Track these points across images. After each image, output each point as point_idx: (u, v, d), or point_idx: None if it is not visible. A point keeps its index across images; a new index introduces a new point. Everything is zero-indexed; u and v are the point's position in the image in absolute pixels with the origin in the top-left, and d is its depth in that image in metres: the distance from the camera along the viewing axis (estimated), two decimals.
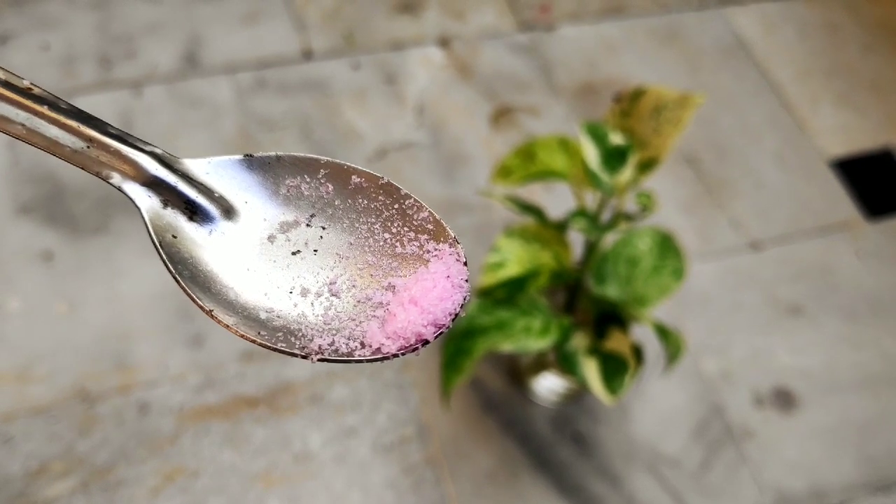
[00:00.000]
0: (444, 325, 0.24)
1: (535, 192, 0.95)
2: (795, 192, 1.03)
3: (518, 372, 0.84)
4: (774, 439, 0.84)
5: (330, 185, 0.25)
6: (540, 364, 0.81)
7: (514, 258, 0.67)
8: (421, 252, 0.25)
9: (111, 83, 1.01)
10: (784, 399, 0.87)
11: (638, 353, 0.67)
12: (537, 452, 0.80)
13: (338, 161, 0.25)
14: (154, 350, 0.82)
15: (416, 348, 0.23)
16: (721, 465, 0.82)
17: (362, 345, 0.23)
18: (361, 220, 0.25)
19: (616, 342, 0.67)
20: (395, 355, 0.23)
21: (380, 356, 0.23)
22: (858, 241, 0.99)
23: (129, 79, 1.02)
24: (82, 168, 0.22)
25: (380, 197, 0.25)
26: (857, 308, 0.94)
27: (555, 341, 0.67)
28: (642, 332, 0.78)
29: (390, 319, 0.23)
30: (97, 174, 0.22)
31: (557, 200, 0.93)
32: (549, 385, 0.81)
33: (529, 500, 0.78)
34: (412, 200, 0.25)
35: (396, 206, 0.25)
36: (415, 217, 0.25)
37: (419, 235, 0.25)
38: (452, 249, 0.25)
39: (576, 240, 0.72)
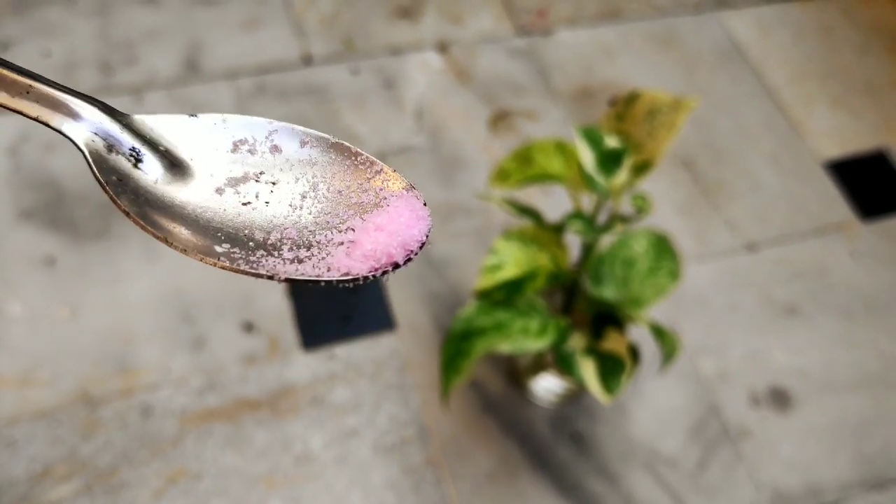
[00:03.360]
0: (412, 249, 0.23)
1: (533, 195, 0.96)
2: (790, 194, 1.04)
3: (517, 373, 0.85)
4: (771, 438, 0.85)
5: (278, 144, 0.25)
6: (538, 365, 0.82)
7: (511, 260, 0.68)
8: (377, 199, 0.24)
9: (112, 89, 1.02)
10: (780, 398, 0.87)
11: (634, 353, 0.68)
12: (536, 452, 0.81)
13: (285, 123, 0.25)
14: (156, 353, 0.83)
15: (386, 271, 0.23)
16: (718, 464, 0.82)
17: (329, 269, 0.23)
18: (313, 174, 0.25)
19: (613, 342, 0.68)
20: (367, 277, 0.23)
21: (350, 277, 0.23)
22: (853, 241, 1.00)
23: (130, 85, 1.03)
24: (24, 114, 0.22)
25: (330, 154, 0.25)
26: (852, 308, 0.95)
27: (552, 342, 0.67)
28: (639, 333, 0.79)
29: (356, 247, 0.23)
30: (37, 118, 0.22)
31: (555, 203, 0.94)
32: (547, 385, 0.82)
33: (529, 499, 0.79)
34: (364, 157, 0.25)
35: (348, 161, 0.25)
36: (368, 170, 0.25)
37: (374, 185, 0.25)
38: (410, 193, 0.25)
39: (573, 242, 0.73)
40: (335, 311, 0.87)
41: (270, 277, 0.22)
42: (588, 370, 0.66)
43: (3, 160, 0.94)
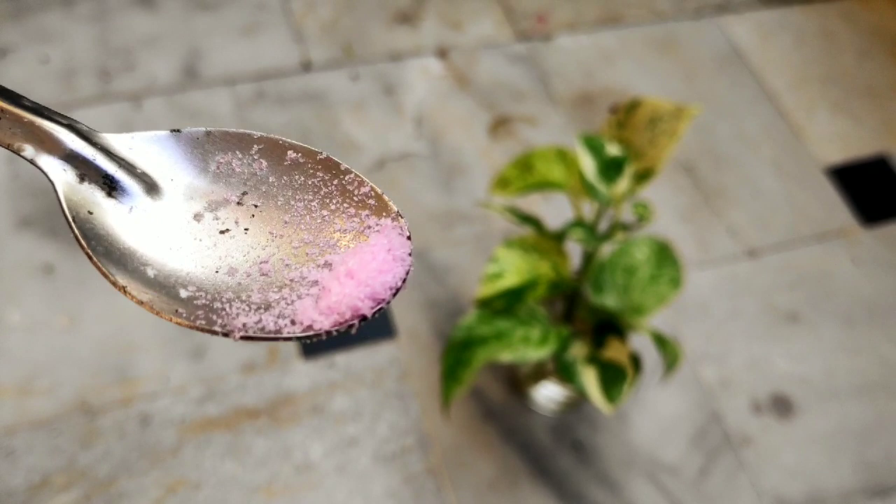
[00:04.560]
0: (383, 299, 0.22)
1: (534, 203, 0.95)
2: (792, 200, 1.03)
3: (517, 381, 0.84)
4: (773, 446, 0.84)
5: (264, 161, 0.24)
6: (539, 373, 0.81)
7: (512, 268, 0.68)
8: (361, 228, 0.23)
9: (111, 96, 1.02)
10: (782, 406, 0.87)
11: (636, 361, 0.68)
12: (537, 461, 0.81)
13: (273, 136, 0.24)
14: (155, 362, 0.82)
15: (353, 325, 0.22)
16: (720, 472, 0.82)
17: (293, 322, 0.22)
18: (297, 196, 0.24)
19: (614, 351, 0.68)
20: (329, 332, 0.22)
21: (311, 333, 0.22)
22: (854, 247, 1.00)
23: (128, 91, 1.02)
24: None
25: (318, 173, 0.24)
26: (854, 314, 0.94)
27: (553, 351, 0.67)
28: (640, 341, 0.79)
29: (325, 295, 0.22)
30: (8, 147, 0.21)
31: (555, 211, 0.94)
32: (548, 394, 0.82)
33: None
34: (352, 175, 0.24)
35: (336, 181, 0.24)
36: (355, 192, 0.24)
37: (360, 211, 0.24)
38: (395, 223, 0.23)
39: (573, 250, 0.73)
40: None
41: (226, 335, 0.21)
42: (589, 379, 0.66)
43: (1, 167, 0.94)
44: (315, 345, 0.85)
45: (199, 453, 0.78)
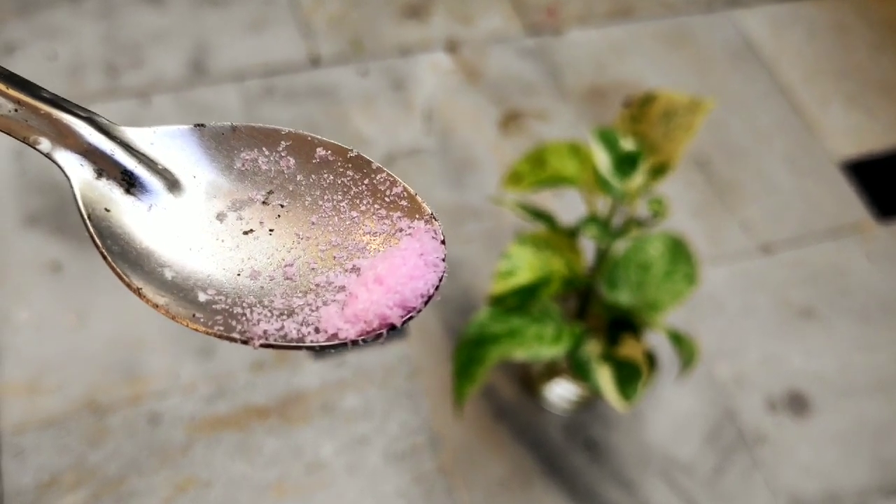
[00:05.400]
0: (413, 307, 0.21)
1: (546, 198, 0.94)
2: (806, 195, 1.02)
3: (529, 379, 0.84)
4: (788, 444, 0.83)
5: (291, 159, 0.23)
6: (551, 371, 0.80)
7: (525, 265, 0.67)
8: (392, 230, 0.22)
9: (118, 92, 1.01)
10: (797, 403, 0.86)
11: (651, 359, 0.67)
12: (550, 459, 0.80)
13: (301, 132, 0.23)
14: (164, 360, 0.82)
15: (381, 334, 0.21)
16: (734, 471, 0.81)
17: (317, 330, 0.21)
18: (326, 196, 0.23)
19: (629, 348, 0.67)
20: (356, 342, 0.20)
21: (336, 342, 0.20)
22: (869, 242, 0.99)
23: (136, 87, 1.02)
24: (9, 133, 0.20)
25: (348, 172, 0.23)
26: (869, 310, 0.93)
27: (567, 348, 0.66)
28: (653, 338, 0.78)
29: (351, 301, 0.21)
30: (24, 140, 0.20)
31: (567, 206, 0.93)
32: (560, 392, 0.81)
33: None
34: (384, 175, 0.23)
35: (367, 181, 0.23)
36: (387, 193, 0.23)
37: (391, 213, 0.22)
38: (428, 226, 0.22)
39: (587, 246, 0.72)
40: None
41: (245, 342, 0.20)
42: (604, 377, 0.65)
43: (8, 165, 0.93)
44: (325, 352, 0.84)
45: (209, 452, 0.77)
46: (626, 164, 0.64)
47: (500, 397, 0.83)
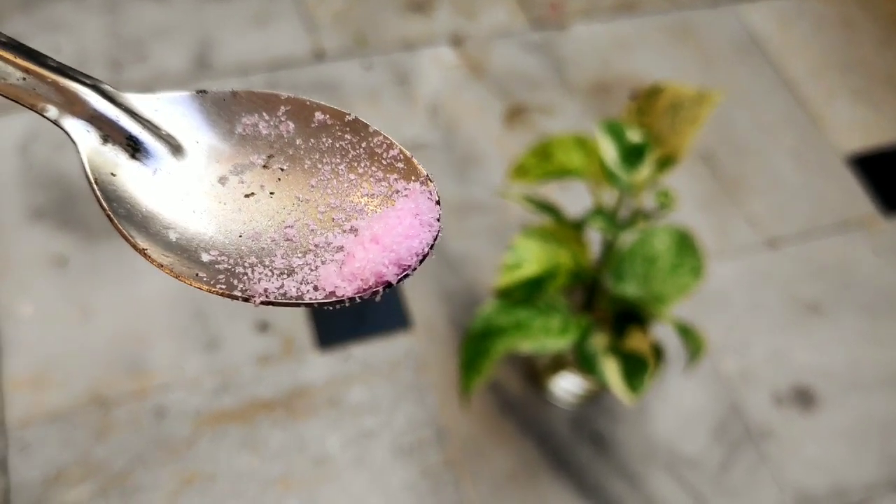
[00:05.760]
0: (408, 265, 0.22)
1: (550, 191, 0.94)
2: (812, 189, 1.02)
3: (535, 373, 0.83)
4: (795, 439, 0.83)
5: (291, 124, 0.23)
6: (557, 364, 0.80)
7: (531, 258, 0.67)
8: (389, 192, 0.23)
9: (122, 86, 1.00)
10: (804, 398, 0.86)
11: (658, 352, 0.66)
12: (556, 453, 0.80)
13: (300, 97, 0.24)
14: (169, 354, 0.82)
15: (377, 291, 0.21)
16: (741, 465, 0.81)
17: (315, 288, 0.21)
18: (325, 160, 0.23)
19: (636, 341, 0.67)
20: (353, 299, 0.21)
21: (334, 299, 0.21)
22: (876, 237, 0.98)
23: (140, 81, 1.02)
24: (17, 101, 0.21)
25: (346, 135, 0.24)
26: (876, 305, 0.93)
27: (574, 341, 0.66)
28: (659, 331, 0.77)
29: (349, 261, 0.22)
30: (31, 107, 0.21)
31: (572, 198, 0.93)
32: (566, 386, 0.81)
33: (549, 500, 0.78)
34: (381, 138, 0.23)
35: (364, 144, 0.23)
36: (384, 155, 0.23)
37: (388, 175, 0.23)
38: (424, 188, 0.23)
39: (593, 239, 0.71)
40: (350, 309, 0.86)
41: (246, 300, 0.21)
42: (611, 370, 0.65)
43: (13, 159, 0.93)
44: (331, 335, 0.84)
45: (215, 446, 0.77)
46: (633, 155, 0.63)
47: (506, 391, 0.83)
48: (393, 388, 0.82)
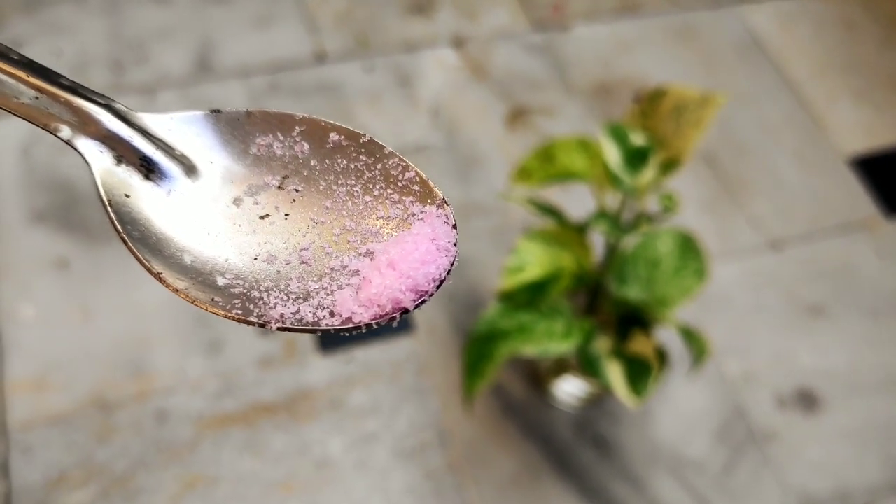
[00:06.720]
0: (426, 291, 0.21)
1: (553, 194, 0.94)
2: (814, 191, 1.02)
3: (538, 376, 0.83)
4: (798, 441, 0.83)
5: (306, 144, 0.23)
6: (560, 368, 0.80)
7: (534, 261, 0.67)
8: (405, 215, 0.23)
9: (124, 88, 1.01)
10: (807, 400, 0.85)
11: (661, 355, 0.66)
12: (559, 456, 0.80)
13: (315, 117, 0.23)
14: (171, 357, 0.82)
15: (394, 317, 0.21)
16: (744, 468, 0.81)
17: (332, 314, 0.21)
18: (340, 181, 0.23)
19: (639, 344, 0.67)
20: (369, 325, 0.21)
21: (350, 326, 0.21)
22: (879, 239, 0.98)
23: (141, 84, 1.02)
24: (30, 121, 0.21)
25: (361, 156, 0.23)
26: (879, 307, 0.93)
27: (577, 344, 0.66)
28: (663, 334, 0.77)
29: (365, 286, 0.21)
30: (45, 127, 0.21)
31: (574, 201, 0.92)
32: (569, 389, 0.81)
33: None
34: (396, 160, 0.23)
35: (379, 165, 0.23)
36: (399, 178, 0.23)
37: (404, 197, 0.23)
38: (440, 211, 0.22)
39: (596, 242, 0.71)
40: None
41: (262, 326, 0.21)
42: (615, 373, 0.65)
43: (15, 161, 0.93)
44: (334, 338, 0.84)
45: (217, 449, 0.77)
46: (636, 158, 0.63)
47: (509, 394, 0.83)
48: (395, 391, 0.81)
